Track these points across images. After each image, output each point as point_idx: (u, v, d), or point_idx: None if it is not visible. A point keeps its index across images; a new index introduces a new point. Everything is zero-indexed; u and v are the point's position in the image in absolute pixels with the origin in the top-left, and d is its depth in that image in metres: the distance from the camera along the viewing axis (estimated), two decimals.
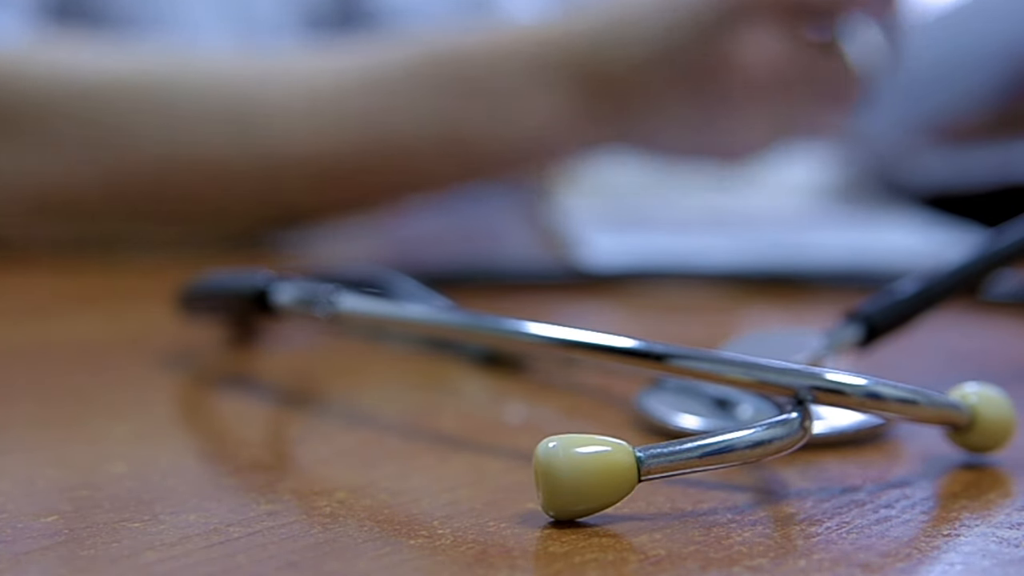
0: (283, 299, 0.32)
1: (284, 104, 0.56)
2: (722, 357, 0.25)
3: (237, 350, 0.38)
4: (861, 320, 0.31)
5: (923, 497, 0.25)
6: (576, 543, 0.22)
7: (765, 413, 0.27)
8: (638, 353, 0.26)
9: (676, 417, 0.29)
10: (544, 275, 0.50)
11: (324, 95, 0.56)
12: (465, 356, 0.36)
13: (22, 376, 0.36)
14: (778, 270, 0.49)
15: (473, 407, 0.34)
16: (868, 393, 0.25)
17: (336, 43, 0.61)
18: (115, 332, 0.43)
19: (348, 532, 0.23)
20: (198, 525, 0.23)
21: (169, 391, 0.35)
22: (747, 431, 0.23)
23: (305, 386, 0.36)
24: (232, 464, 0.29)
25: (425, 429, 0.31)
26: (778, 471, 0.26)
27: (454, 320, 0.30)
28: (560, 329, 0.26)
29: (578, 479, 0.22)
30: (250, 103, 0.56)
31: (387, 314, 0.31)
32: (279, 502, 0.24)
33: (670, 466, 0.23)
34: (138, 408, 0.33)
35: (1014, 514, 0.24)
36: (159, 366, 0.37)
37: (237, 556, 0.21)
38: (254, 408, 0.33)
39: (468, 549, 0.22)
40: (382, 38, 0.61)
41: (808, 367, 0.25)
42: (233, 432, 0.32)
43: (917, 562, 0.22)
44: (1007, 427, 0.26)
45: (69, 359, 0.38)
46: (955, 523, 0.23)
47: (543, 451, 0.23)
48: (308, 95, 0.56)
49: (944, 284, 0.32)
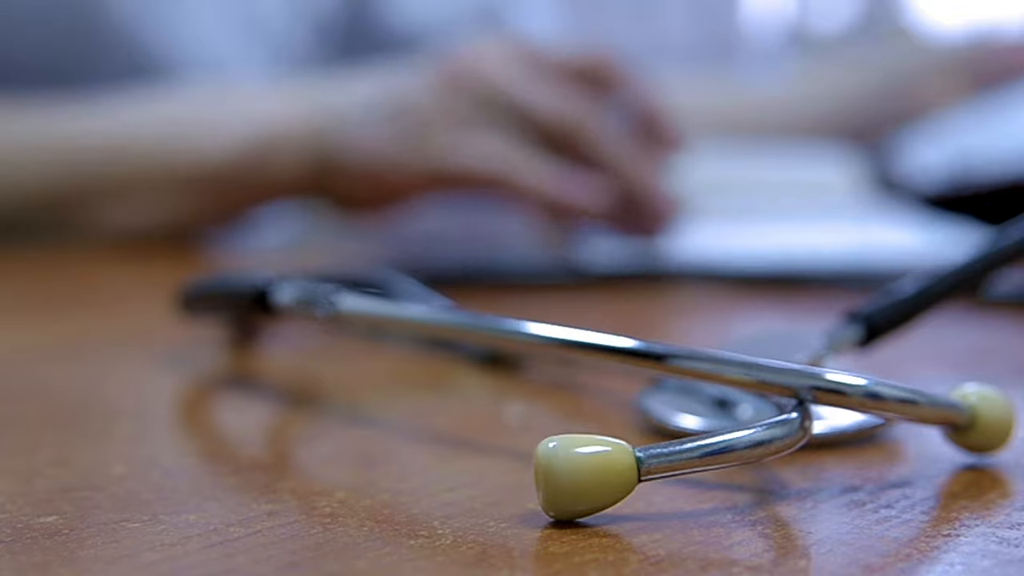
0: (283, 299, 0.32)
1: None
2: (722, 357, 0.25)
3: (237, 350, 0.38)
4: (861, 320, 0.31)
5: (923, 497, 0.25)
6: (576, 543, 0.22)
7: (765, 413, 0.27)
8: (638, 353, 0.26)
9: (676, 417, 0.29)
10: (544, 275, 0.50)
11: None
12: (465, 356, 0.36)
13: (22, 376, 0.36)
14: (778, 270, 0.49)
15: (473, 407, 0.34)
16: (868, 393, 0.25)
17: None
18: (115, 332, 0.43)
19: (348, 532, 0.23)
20: (198, 525, 0.23)
21: (169, 391, 0.35)
22: (747, 431, 0.23)
23: (305, 386, 0.36)
24: (232, 464, 0.29)
25: (425, 429, 0.31)
26: (778, 471, 0.26)
27: (454, 320, 0.29)
28: (560, 329, 0.26)
29: (578, 479, 0.22)
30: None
31: (387, 314, 0.31)
32: (279, 502, 0.24)
33: (670, 466, 0.23)
34: (138, 408, 0.33)
35: (1014, 514, 0.24)
36: (159, 366, 0.37)
37: (237, 556, 0.21)
38: (254, 408, 0.33)
39: (468, 549, 0.22)
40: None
41: (808, 367, 0.25)
42: (233, 432, 0.32)
43: (917, 562, 0.22)
44: (1007, 427, 0.26)
45: (69, 359, 0.38)
46: (955, 523, 0.23)
47: (543, 451, 0.23)
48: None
49: (944, 284, 0.32)
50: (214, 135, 0.61)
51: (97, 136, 0.63)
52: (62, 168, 0.62)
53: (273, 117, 0.60)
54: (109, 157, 0.62)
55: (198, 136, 0.61)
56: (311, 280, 0.33)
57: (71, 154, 0.62)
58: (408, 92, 0.58)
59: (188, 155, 0.61)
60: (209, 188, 0.61)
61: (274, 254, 0.64)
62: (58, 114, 0.64)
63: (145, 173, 0.61)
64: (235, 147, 0.60)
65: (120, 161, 0.62)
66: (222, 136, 0.60)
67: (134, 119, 0.63)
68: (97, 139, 0.63)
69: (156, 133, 0.62)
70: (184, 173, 0.61)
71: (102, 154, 0.62)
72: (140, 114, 0.63)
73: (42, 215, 0.62)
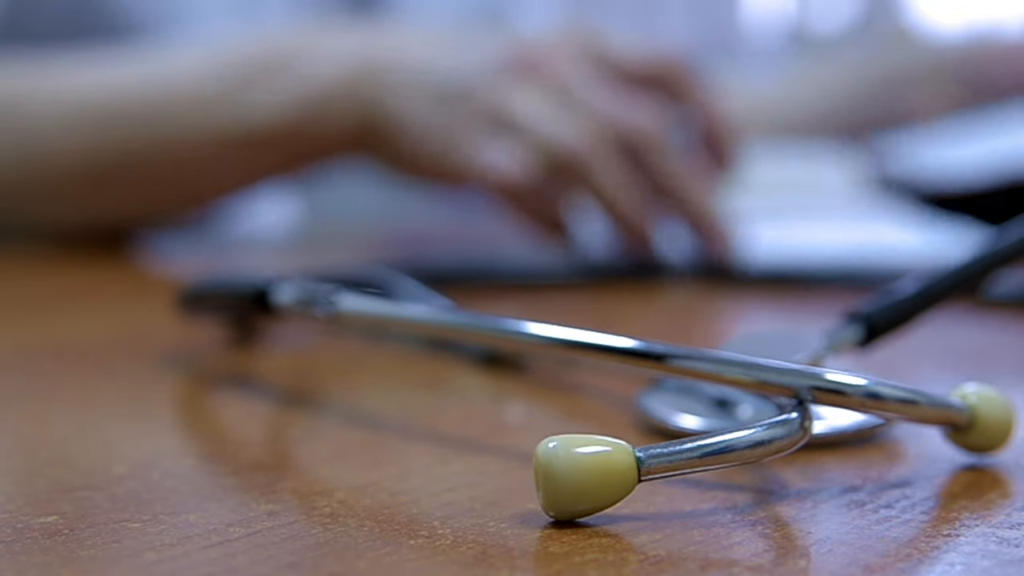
0: (283, 299, 0.32)
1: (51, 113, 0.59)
2: (722, 357, 0.25)
3: (237, 350, 0.38)
4: (861, 320, 0.31)
5: (923, 497, 0.25)
6: (576, 543, 0.22)
7: (765, 413, 0.27)
8: (638, 353, 0.26)
9: (676, 417, 0.29)
10: (544, 275, 0.50)
11: (93, 101, 0.59)
12: (465, 356, 0.36)
13: (23, 375, 0.36)
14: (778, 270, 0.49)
15: (473, 407, 0.34)
16: (868, 393, 0.25)
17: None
18: (115, 332, 0.43)
19: (348, 532, 0.23)
20: (198, 525, 0.23)
21: (169, 391, 0.35)
22: (747, 431, 0.23)
23: (305, 386, 0.36)
24: (232, 464, 0.29)
25: (425, 429, 0.31)
26: (778, 471, 0.26)
27: (454, 320, 0.30)
28: (560, 329, 0.26)
29: (578, 479, 0.22)
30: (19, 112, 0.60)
31: (387, 314, 0.31)
32: (279, 502, 0.24)
33: (670, 466, 0.23)
34: (138, 408, 0.33)
35: (1014, 514, 0.24)
36: (159, 366, 0.37)
37: (237, 556, 0.21)
38: (254, 408, 0.33)
39: (468, 549, 0.22)
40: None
41: (808, 367, 0.25)
42: (233, 432, 0.32)
43: (917, 562, 0.22)
44: (1007, 427, 0.26)
45: (69, 359, 0.38)
46: (955, 523, 0.23)
47: (543, 451, 0.23)
48: (77, 102, 0.59)
49: (944, 284, 0.32)
50: (264, 97, 0.57)
51: (134, 93, 0.59)
52: (98, 128, 0.59)
53: (320, 81, 0.57)
54: (150, 116, 0.59)
55: (246, 98, 0.58)
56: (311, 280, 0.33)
57: (107, 112, 0.59)
58: (466, 73, 0.55)
59: (235, 116, 0.58)
60: (258, 151, 0.58)
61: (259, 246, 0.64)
62: (86, 68, 0.61)
63: (189, 133, 0.58)
64: (284, 113, 0.57)
65: (161, 121, 0.58)
66: (272, 98, 0.57)
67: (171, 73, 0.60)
68: (134, 96, 0.59)
69: (198, 90, 0.59)
70: (231, 135, 0.58)
71: (143, 111, 0.59)
72: (177, 69, 0.60)
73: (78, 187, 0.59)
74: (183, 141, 0.58)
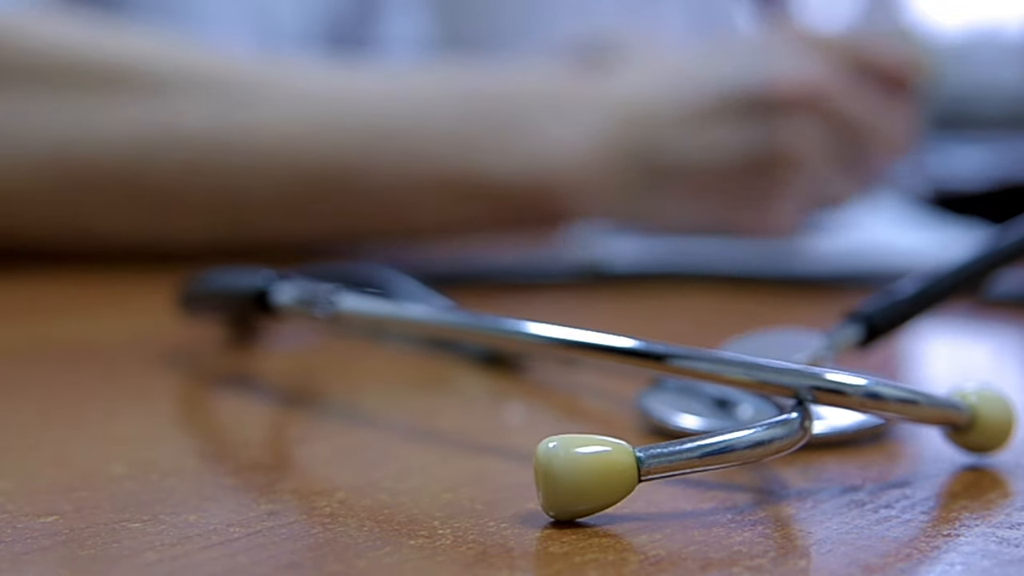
0: (283, 299, 0.32)
1: (274, 110, 0.55)
2: (722, 357, 0.25)
3: (237, 350, 0.38)
4: (861, 320, 0.31)
5: (923, 497, 0.25)
6: (576, 543, 0.22)
7: (765, 413, 0.27)
8: (638, 353, 0.26)
9: (676, 417, 0.29)
10: (544, 275, 0.50)
11: (334, 109, 0.56)
12: (465, 356, 0.36)
13: (23, 376, 0.36)
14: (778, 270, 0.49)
15: (473, 407, 0.34)
16: (868, 393, 0.25)
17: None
18: (115, 332, 0.43)
19: (348, 532, 0.23)
20: (198, 525, 0.23)
21: (169, 391, 0.35)
22: (747, 431, 0.23)
23: (305, 386, 0.36)
24: (232, 464, 0.29)
25: (425, 429, 0.31)
26: (778, 471, 0.26)
27: (454, 320, 0.30)
28: (560, 329, 0.26)
29: (578, 479, 0.22)
30: (243, 101, 0.55)
31: (387, 314, 0.31)
32: (279, 502, 0.24)
33: (670, 466, 0.23)
34: (138, 408, 0.33)
35: (1014, 514, 0.24)
36: (159, 366, 0.37)
37: (237, 556, 0.21)
38: (254, 408, 0.33)
39: (468, 549, 0.22)
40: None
41: (808, 367, 0.25)
42: (233, 432, 0.32)
43: (917, 562, 0.22)
44: (1007, 427, 0.26)
45: (69, 359, 0.38)
46: (955, 523, 0.23)
47: (543, 451, 0.23)
48: (300, 101, 0.56)
49: (944, 284, 0.32)
50: (502, 156, 0.55)
51: (374, 112, 0.56)
52: (331, 138, 0.55)
53: (564, 145, 0.55)
54: (383, 138, 0.55)
55: (488, 151, 0.55)
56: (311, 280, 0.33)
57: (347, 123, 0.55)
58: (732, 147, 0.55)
59: (471, 165, 0.55)
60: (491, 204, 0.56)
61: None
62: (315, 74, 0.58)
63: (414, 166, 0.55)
64: (520, 179, 0.55)
65: (389, 147, 0.55)
66: (509, 159, 0.55)
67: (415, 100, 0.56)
68: (373, 114, 0.56)
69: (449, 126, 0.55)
70: (471, 181, 0.55)
71: (379, 131, 0.55)
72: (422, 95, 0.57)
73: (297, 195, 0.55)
74: (405, 170, 0.55)
